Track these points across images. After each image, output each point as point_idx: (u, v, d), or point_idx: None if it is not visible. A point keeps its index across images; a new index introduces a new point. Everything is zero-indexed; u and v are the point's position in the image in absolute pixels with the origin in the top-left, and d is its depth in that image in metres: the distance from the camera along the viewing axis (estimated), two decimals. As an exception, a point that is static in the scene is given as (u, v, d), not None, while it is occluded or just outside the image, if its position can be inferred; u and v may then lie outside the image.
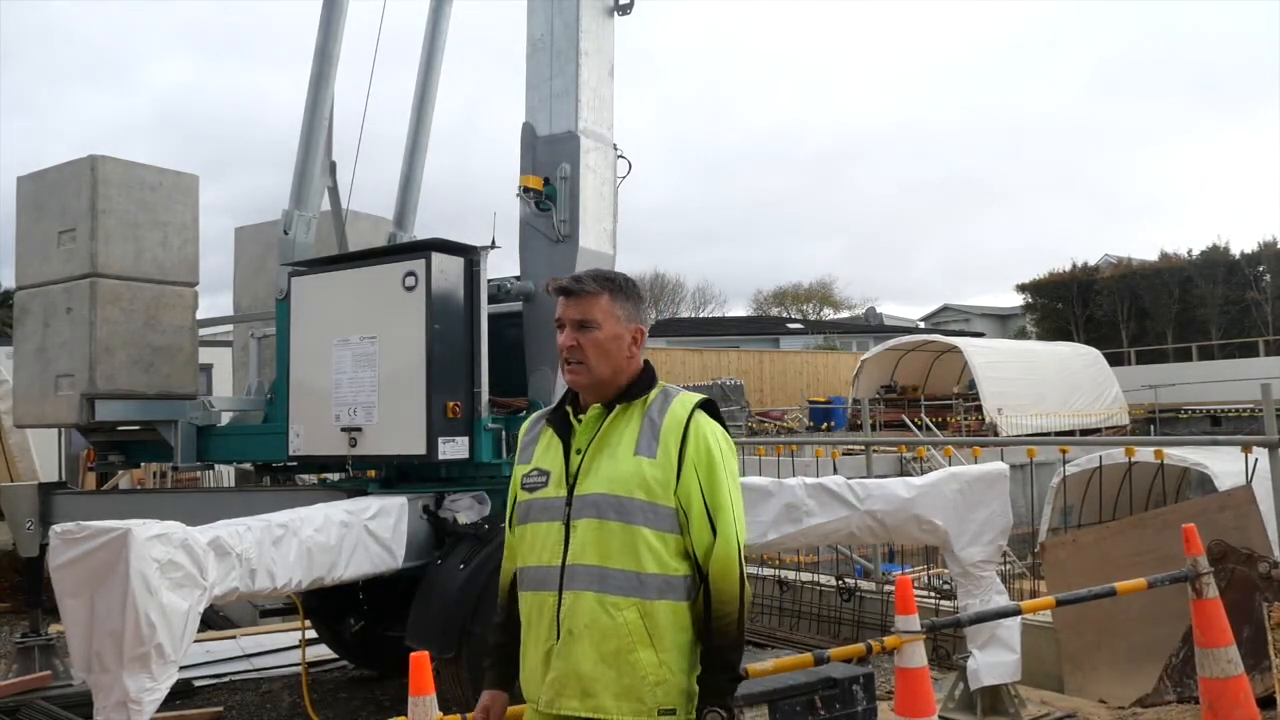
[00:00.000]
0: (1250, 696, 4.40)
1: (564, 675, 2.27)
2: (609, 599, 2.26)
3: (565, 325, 2.39)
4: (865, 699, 4.39)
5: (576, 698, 2.26)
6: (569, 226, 5.57)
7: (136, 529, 3.54)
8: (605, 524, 2.29)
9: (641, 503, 2.29)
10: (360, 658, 6.77)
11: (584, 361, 2.36)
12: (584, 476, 2.34)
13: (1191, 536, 4.48)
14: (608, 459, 2.34)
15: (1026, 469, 7.94)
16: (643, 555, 2.27)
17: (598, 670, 2.24)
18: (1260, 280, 39.16)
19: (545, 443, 2.48)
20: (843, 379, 30.59)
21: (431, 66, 7.12)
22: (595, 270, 2.47)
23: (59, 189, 5.95)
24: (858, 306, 59.75)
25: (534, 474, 2.44)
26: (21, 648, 6.26)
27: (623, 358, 2.40)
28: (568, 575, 2.30)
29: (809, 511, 5.38)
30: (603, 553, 2.28)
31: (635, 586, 2.26)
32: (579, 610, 2.27)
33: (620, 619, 2.25)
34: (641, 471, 2.30)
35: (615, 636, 2.24)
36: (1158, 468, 7.65)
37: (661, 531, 2.29)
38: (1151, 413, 27.85)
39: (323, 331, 5.38)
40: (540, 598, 2.35)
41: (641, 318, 2.47)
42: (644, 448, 2.32)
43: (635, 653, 2.24)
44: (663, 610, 2.27)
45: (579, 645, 2.26)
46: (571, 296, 2.40)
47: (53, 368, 5.89)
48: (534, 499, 2.42)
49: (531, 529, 2.41)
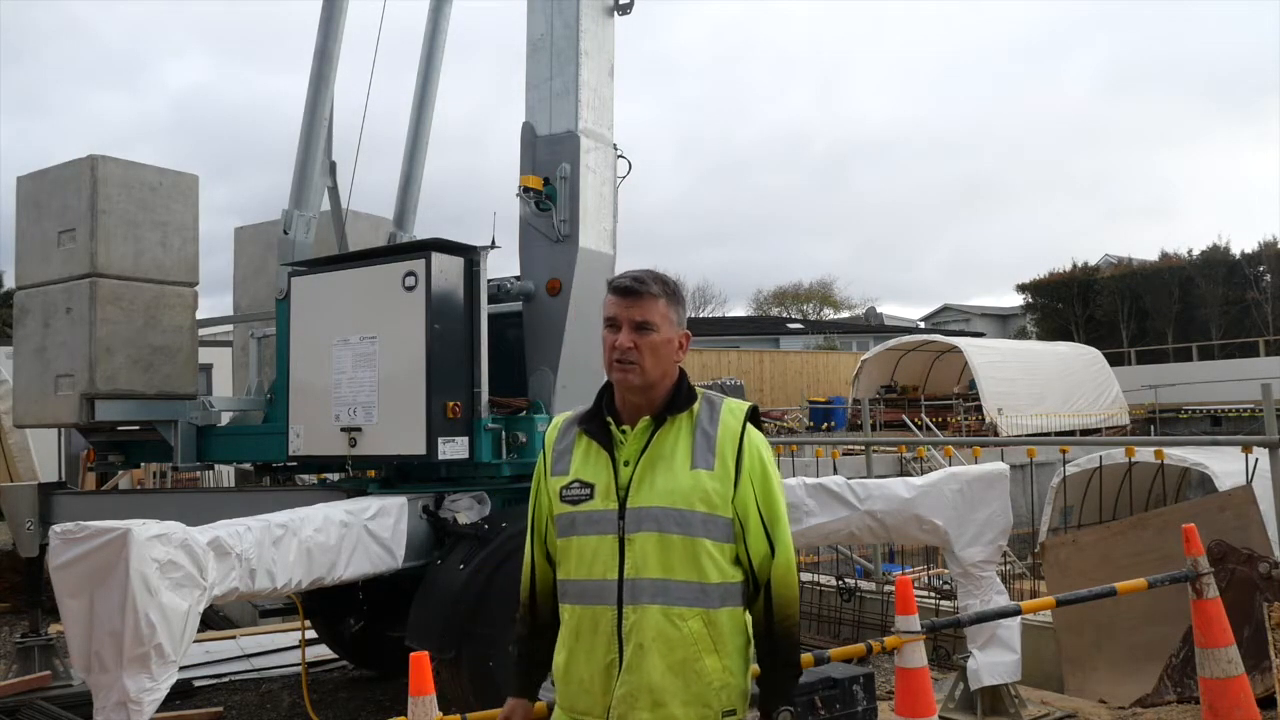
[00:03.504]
0: (1250, 696, 4.40)
1: (635, 689, 2.27)
2: (674, 610, 2.27)
3: (621, 325, 2.34)
4: (865, 699, 4.40)
5: (648, 709, 2.27)
6: (569, 226, 5.57)
7: (136, 529, 3.54)
8: (667, 537, 2.28)
9: (703, 515, 2.30)
10: (360, 658, 6.77)
11: (639, 363, 2.33)
12: (637, 489, 2.32)
13: (1191, 536, 4.48)
14: (664, 472, 2.32)
15: (1026, 469, 7.95)
16: (705, 565, 2.29)
17: (666, 680, 2.26)
18: (1260, 280, 39.15)
19: (583, 452, 2.42)
20: (843, 379, 30.61)
21: (431, 66, 7.12)
22: (653, 272, 2.42)
23: (59, 189, 5.94)
24: (858, 306, 59.79)
25: (575, 485, 2.38)
26: (21, 648, 6.26)
27: (671, 361, 2.39)
28: (629, 589, 2.29)
29: (809, 511, 5.38)
30: (666, 565, 2.28)
31: (699, 596, 2.28)
32: (646, 624, 2.27)
33: (686, 629, 2.27)
34: (702, 484, 2.30)
35: (682, 646, 2.26)
36: (1158, 468, 7.66)
37: (719, 541, 2.31)
38: (1151, 413, 27.85)
39: (323, 331, 5.38)
40: (594, 611, 2.33)
41: (685, 322, 2.45)
42: (700, 460, 2.32)
43: (701, 660, 2.27)
44: (725, 617, 2.31)
45: (649, 658, 2.26)
46: (631, 297, 2.35)
47: (53, 368, 5.89)
48: (579, 511, 2.37)
49: (579, 542, 2.36)
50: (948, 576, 7.17)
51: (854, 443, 13.15)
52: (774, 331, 44.75)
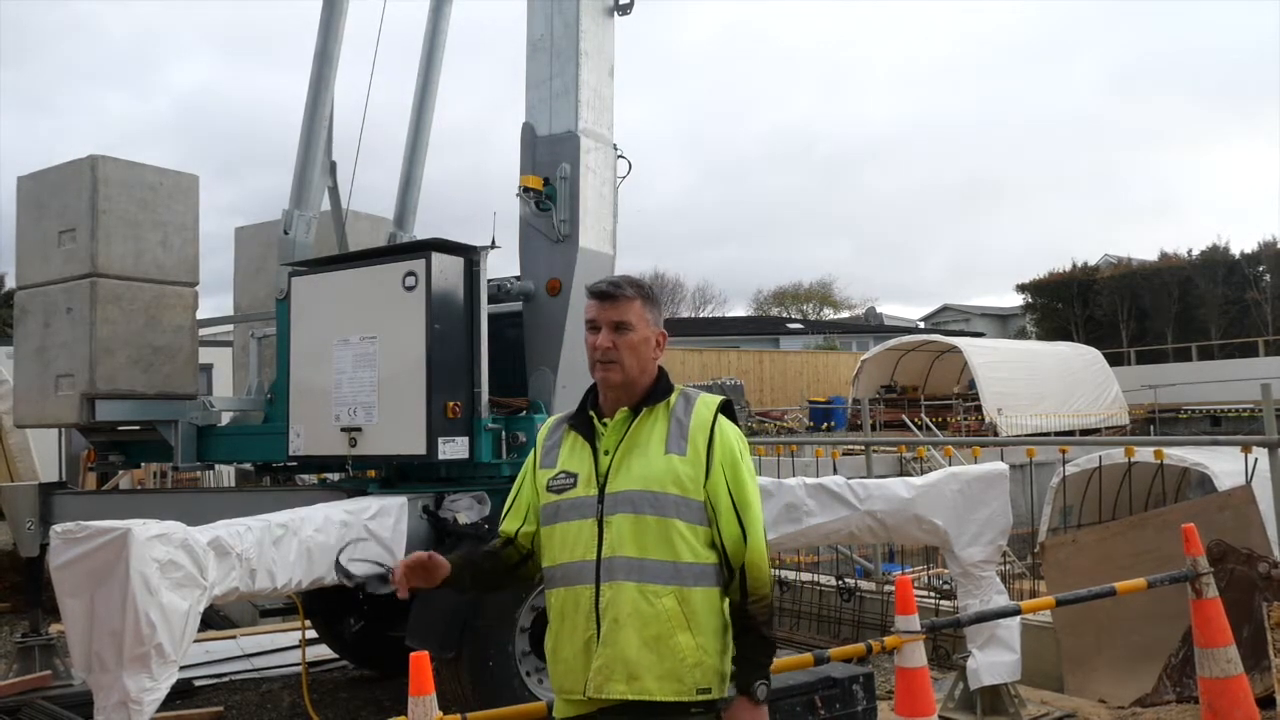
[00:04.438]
0: (1250, 696, 4.40)
1: (611, 661, 2.39)
2: (649, 587, 2.39)
3: (601, 327, 2.53)
4: (865, 699, 4.40)
5: (623, 681, 2.38)
6: (569, 226, 5.57)
7: (136, 529, 3.54)
8: (641, 518, 2.42)
9: (675, 497, 2.44)
10: (360, 658, 6.77)
11: (618, 361, 2.51)
12: (615, 475, 2.47)
13: (1191, 536, 4.48)
14: (639, 458, 2.48)
15: (1026, 469, 7.95)
16: (678, 545, 2.42)
17: (640, 655, 2.37)
18: (1260, 280, 39.18)
19: (569, 446, 2.60)
20: (843, 379, 30.60)
21: (431, 66, 7.12)
22: (628, 277, 2.62)
23: (59, 189, 5.94)
24: (858, 306, 59.82)
25: (561, 476, 2.56)
26: (21, 648, 6.26)
27: (649, 358, 2.57)
28: (605, 568, 2.42)
29: (809, 511, 5.39)
30: (640, 545, 2.41)
31: (672, 574, 2.41)
32: (621, 600, 2.39)
33: (660, 606, 2.38)
34: (674, 468, 2.45)
35: (656, 622, 2.38)
36: (1158, 468, 7.65)
37: (692, 524, 2.44)
38: (1151, 413, 27.86)
39: (323, 331, 5.38)
40: (575, 592, 2.46)
41: (662, 322, 2.64)
42: (674, 446, 2.48)
43: (675, 637, 2.38)
44: (699, 596, 2.42)
45: (624, 632, 2.38)
46: (608, 300, 2.54)
47: (53, 368, 5.89)
48: (563, 499, 2.53)
49: (561, 528, 2.52)
50: (948, 576, 7.17)
51: (854, 443, 13.16)
52: (774, 331, 44.76)
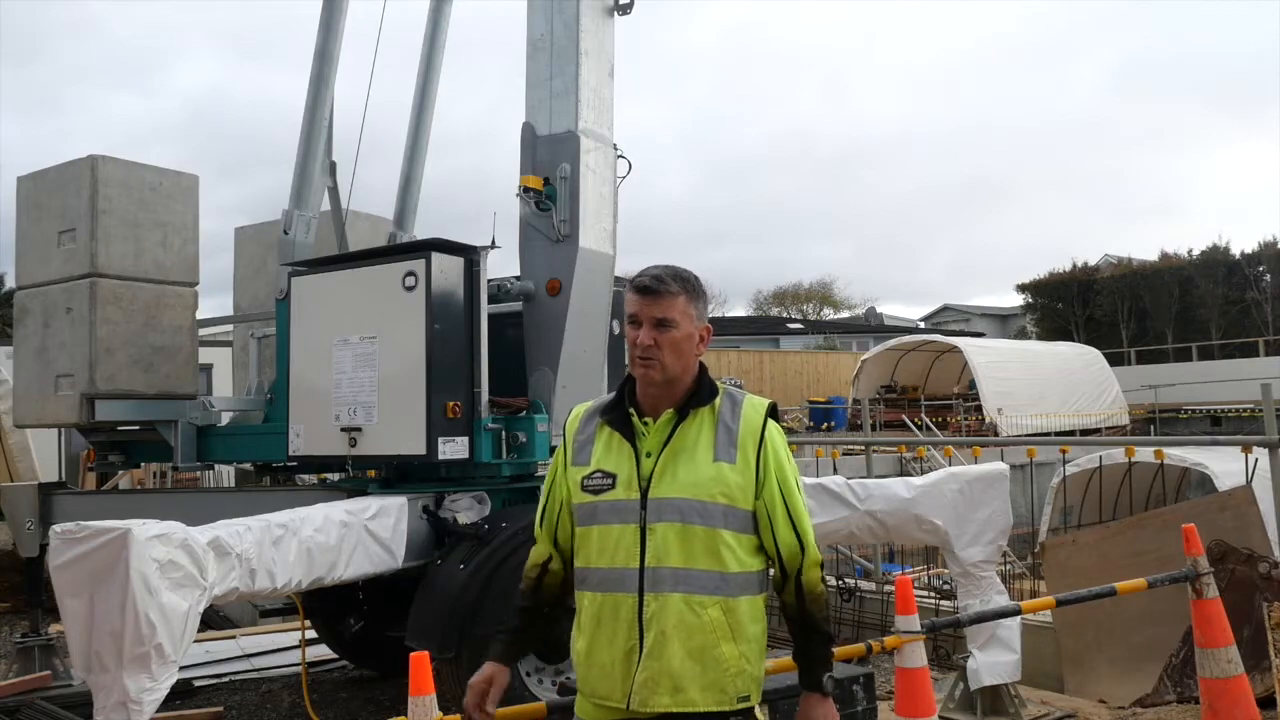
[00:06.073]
0: (1250, 696, 4.40)
1: (657, 675, 2.33)
2: (695, 598, 2.33)
3: (642, 323, 2.42)
4: (865, 699, 4.40)
5: (669, 694, 2.33)
6: (569, 226, 5.56)
7: (136, 529, 3.54)
8: (689, 527, 2.35)
9: (723, 507, 2.37)
10: (360, 658, 6.77)
11: (659, 359, 2.40)
12: (659, 480, 2.38)
13: (1191, 536, 4.48)
14: (686, 463, 2.39)
15: (1026, 469, 7.96)
16: (724, 555, 2.36)
17: (685, 666, 2.32)
18: (1260, 280, 39.14)
19: (604, 443, 2.48)
20: (843, 379, 30.59)
21: (431, 66, 7.12)
22: (672, 268, 2.47)
23: (59, 189, 5.94)
24: (858, 306, 59.75)
25: (597, 475, 2.45)
26: (21, 648, 6.26)
27: (692, 356, 2.47)
28: (650, 578, 2.35)
29: (809, 511, 5.38)
30: (687, 555, 2.34)
31: (719, 585, 2.35)
32: (667, 611, 2.33)
33: (706, 617, 2.33)
34: (724, 476, 2.38)
35: (701, 633, 2.33)
36: (1158, 468, 7.66)
37: (738, 532, 2.39)
38: (1151, 413, 27.84)
39: (323, 331, 5.38)
40: (615, 599, 2.38)
41: (706, 316, 2.52)
42: (723, 453, 2.40)
43: (719, 647, 2.33)
44: (744, 605, 2.38)
45: (670, 644, 2.32)
46: (651, 295, 2.42)
47: (53, 368, 5.89)
48: (600, 501, 2.43)
49: (600, 531, 2.42)
50: (948, 576, 7.17)
51: (854, 443, 13.17)
52: (774, 331, 44.73)
